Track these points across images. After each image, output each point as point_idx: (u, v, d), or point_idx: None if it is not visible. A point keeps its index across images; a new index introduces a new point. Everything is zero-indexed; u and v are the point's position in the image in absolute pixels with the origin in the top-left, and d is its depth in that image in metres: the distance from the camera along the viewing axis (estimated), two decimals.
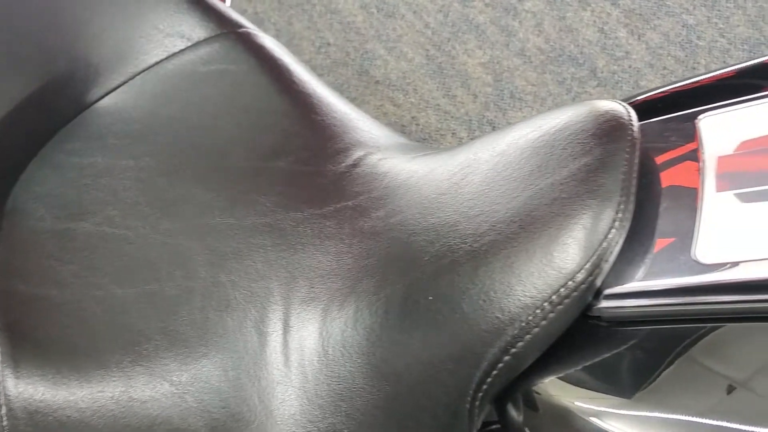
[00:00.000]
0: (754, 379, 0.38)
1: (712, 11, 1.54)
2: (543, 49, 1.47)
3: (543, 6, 1.51)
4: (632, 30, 1.50)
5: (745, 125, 0.46)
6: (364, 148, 0.60)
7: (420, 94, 1.39)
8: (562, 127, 0.48)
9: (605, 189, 0.43)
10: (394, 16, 1.48)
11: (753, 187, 0.42)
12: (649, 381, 0.40)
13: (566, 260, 0.42)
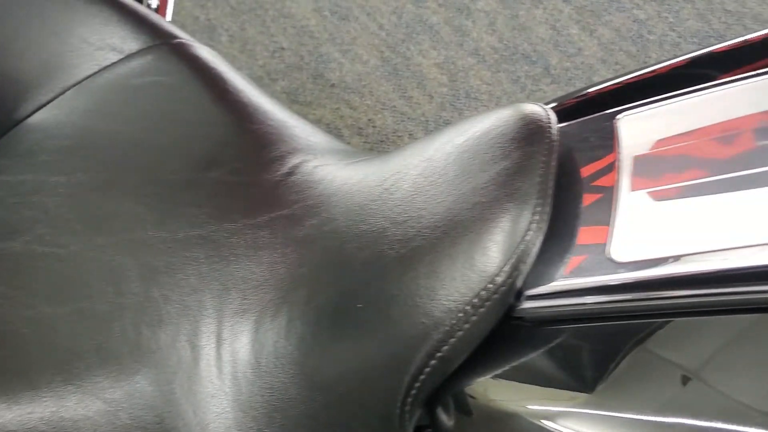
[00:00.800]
0: (705, 369, 0.38)
1: (662, 6, 1.57)
2: (497, 48, 1.48)
3: (495, 5, 1.52)
4: (584, 26, 1.52)
5: (661, 124, 0.46)
6: (300, 155, 0.60)
7: (376, 96, 1.40)
8: (484, 132, 0.48)
9: (522, 192, 0.43)
10: (348, 18, 1.48)
11: (664, 185, 0.43)
12: (605, 376, 0.41)
13: (487, 263, 0.42)
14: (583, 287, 0.42)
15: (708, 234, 0.40)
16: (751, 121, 0.44)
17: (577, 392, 0.42)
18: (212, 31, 1.45)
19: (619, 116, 0.49)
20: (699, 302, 0.40)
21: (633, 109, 0.49)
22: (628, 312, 0.41)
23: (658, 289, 0.40)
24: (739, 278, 0.38)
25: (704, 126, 0.45)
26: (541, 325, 0.43)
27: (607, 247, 0.42)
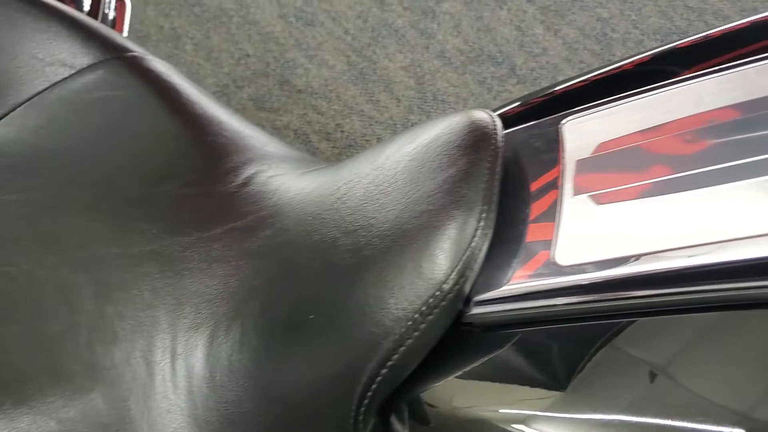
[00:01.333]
0: (673, 366, 0.39)
1: (625, 4, 1.58)
2: (462, 49, 1.48)
3: (460, 7, 1.53)
4: (548, 26, 1.53)
5: (604, 127, 0.47)
6: (255, 165, 0.60)
7: (343, 101, 1.40)
8: (432, 140, 0.48)
9: (468, 199, 0.44)
10: (313, 24, 1.48)
11: (605, 189, 0.43)
12: (576, 373, 0.41)
13: (434, 271, 0.42)
14: (529, 291, 0.42)
15: (647, 236, 0.41)
16: (690, 122, 0.45)
17: (550, 390, 0.43)
18: (177, 39, 1.45)
19: (563, 120, 0.49)
20: (642, 303, 0.40)
21: (578, 113, 0.49)
22: (574, 315, 0.42)
23: (600, 291, 0.41)
24: (677, 278, 0.38)
25: (645, 128, 0.45)
26: (490, 329, 0.44)
27: (552, 251, 0.42)
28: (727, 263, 0.37)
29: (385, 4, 1.51)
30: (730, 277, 0.37)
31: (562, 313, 0.42)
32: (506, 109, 0.56)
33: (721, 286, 0.37)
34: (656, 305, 0.40)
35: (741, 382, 0.36)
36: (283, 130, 1.36)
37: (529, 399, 0.43)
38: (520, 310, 0.42)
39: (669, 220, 0.41)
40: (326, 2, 1.50)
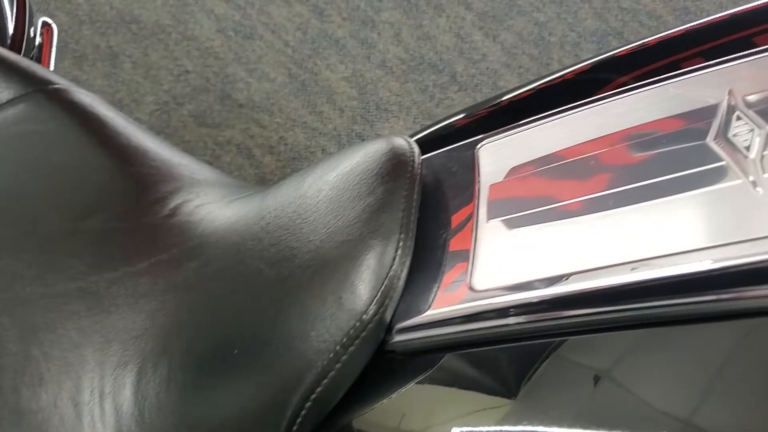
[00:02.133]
0: (619, 373, 0.40)
1: (561, 7, 1.61)
2: (403, 58, 1.49)
3: (399, 16, 1.54)
4: (487, 32, 1.55)
5: (516, 151, 0.48)
6: (182, 195, 0.60)
7: (286, 114, 1.40)
8: (352, 168, 0.49)
9: (386, 227, 0.44)
10: (253, 37, 1.47)
11: (518, 212, 0.44)
12: (526, 380, 0.42)
13: (355, 302, 0.43)
14: (447, 317, 0.43)
15: (558, 259, 0.42)
16: (600, 144, 0.46)
17: (502, 398, 0.43)
18: (114, 58, 1.42)
19: (479, 144, 0.50)
20: (558, 324, 0.41)
21: (492, 137, 0.50)
22: (493, 337, 0.43)
23: (514, 315, 0.42)
24: (582, 300, 0.40)
25: (553, 151, 0.46)
26: (413, 356, 0.45)
27: (468, 276, 0.43)
28: (629, 284, 0.38)
29: (324, 15, 1.51)
30: (634, 299, 0.38)
31: (481, 336, 0.43)
32: (428, 131, 0.57)
33: (626, 307, 0.38)
34: (573, 326, 0.41)
35: (680, 387, 0.37)
36: (225, 145, 1.36)
37: (480, 410, 0.44)
38: (440, 335, 0.43)
39: (578, 242, 0.42)
40: (265, 15, 1.50)
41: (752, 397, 0.36)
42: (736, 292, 0.37)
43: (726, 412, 0.36)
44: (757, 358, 0.36)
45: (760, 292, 0.36)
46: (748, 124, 0.40)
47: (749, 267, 0.35)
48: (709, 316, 0.37)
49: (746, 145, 0.40)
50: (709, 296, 0.37)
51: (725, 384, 0.36)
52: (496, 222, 0.45)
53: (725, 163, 0.40)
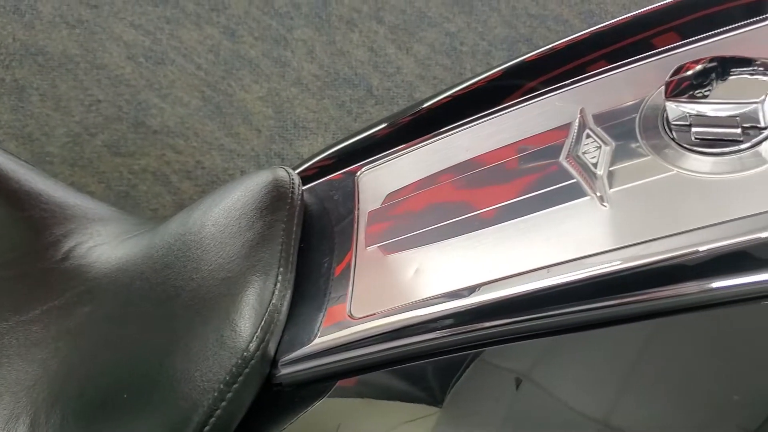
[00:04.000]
0: (539, 376, 0.41)
1: (471, 17, 1.65)
2: (318, 75, 1.50)
3: (312, 33, 1.55)
4: (400, 45, 1.57)
5: (393, 177, 0.50)
6: (76, 237, 0.59)
7: (202, 137, 1.39)
8: (233, 203, 0.50)
9: (265, 262, 0.45)
10: (164, 62, 1.46)
11: (393, 238, 0.46)
12: (450, 388, 0.42)
13: (236, 339, 0.44)
14: (330, 347, 0.44)
15: (433, 281, 0.43)
16: (468, 166, 0.48)
17: (429, 406, 0.44)
18: (21, 92, 1.39)
19: (359, 171, 0.51)
20: (429, 346, 0.43)
21: (372, 163, 0.52)
22: (378, 361, 0.44)
23: (393, 339, 0.43)
24: (451, 317, 0.41)
25: (426, 176, 0.48)
26: (301, 387, 0.45)
27: (348, 304, 0.44)
28: (486, 302, 0.40)
29: (236, 36, 1.51)
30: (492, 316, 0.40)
31: (366, 361, 0.44)
32: (320, 158, 0.58)
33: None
34: (451, 344, 0.43)
35: (596, 388, 0.39)
36: (141, 174, 1.34)
37: (408, 421, 0.45)
38: (325, 365, 0.44)
39: (449, 262, 0.43)
40: (175, 39, 1.48)
41: (664, 395, 0.37)
42: (600, 301, 0.39)
43: (640, 410, 0.38)
44: (665, 357, 0.38)
45: (619, 300, 0.38)
46: (596, 141, 0.43)
47: (585, 282, 0.37)
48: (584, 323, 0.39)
49: (594, 162, 0.42)
50: (573, 308, 0.40)
51: (639, 383, 0.38)
52: (374, 248, 0.46)
53: (576, 180, 0.42)
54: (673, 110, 0.40)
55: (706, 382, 0.37)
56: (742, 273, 0.37)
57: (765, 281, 0.37)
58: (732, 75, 0.40)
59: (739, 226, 0.37)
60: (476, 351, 0.42)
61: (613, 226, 0.39)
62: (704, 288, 0.37)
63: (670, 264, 0.37)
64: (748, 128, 0.39)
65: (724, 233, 0.37)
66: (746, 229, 0.36)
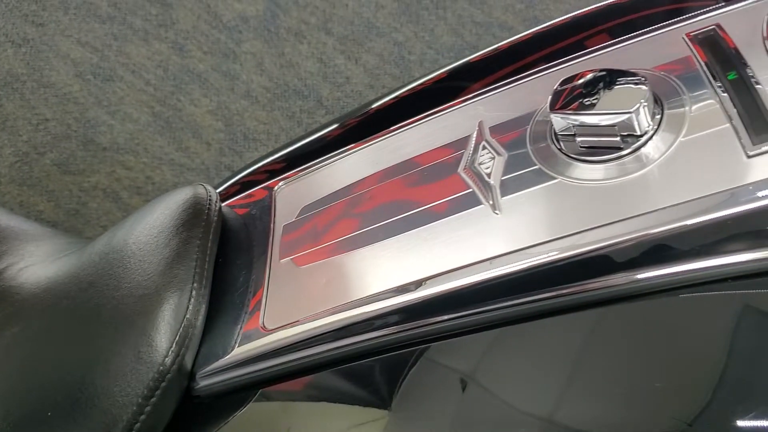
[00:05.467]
0: (482, 376, 0.42)
1: (418, 26, 1.68)
2: (268, 87, 1.52)
3: (261, 45, 1.56)
4: (349, 55, 1.59)
5: (308, 190, 0.51)
6: (8, 259, 0.60)
7: (151, 153, 1.39)
8: (153, 221, 0.51)
9: (179, 279, 0.46)
10: (113, 79, 1.46)
11: (305, 249, 0.47)
12: (397, 390, 0.44)
13: (152, 354, 0.45)
14: (245, 358, 0.45)
15: (343, 291, 0.45)
16: (377, 178, 0.50)
17: (377, 410, 0.45)
18: None
19: (277, 186, 0.53)
20: (349, 350, 0.45)
21: (289, 178, 0.53)
22: (295, 369, 0.46)
23: (306, 348, 0.45)
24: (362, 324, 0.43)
25: (339, 188, 0.50)
26: (220, 398, 0.47)
27: (261, 316, 0.46)
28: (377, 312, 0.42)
29: (184, 51, 1.52)
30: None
31: (282, 370, 0.46)
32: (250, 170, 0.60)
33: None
34: (358, 351, 0.44)
35: (540, 385, 0.40)
36: (91, 191, 1.34)
37: (358, 424, 0.46)
38: (240, 376, 0.46)
39: (359, 271, 0.45)
40: (123, 56, 1.49)
41: (605, 387, 0.39)
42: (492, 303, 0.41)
43: (583, 404, 0.39)
44: (603, 349, 0.40)
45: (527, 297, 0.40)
46: (491, 152, 0.45)
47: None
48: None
49: (488, 172, 0.44)
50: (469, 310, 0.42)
51: (580, 377, 0.40)
52: (287, 261, 0.47)
53: (472, 190, 0.44)
54: (558, 122, 0.42)
55: (639, 372, 0.39)
56: (630, 269, 0.39)
57: (646, 278, 0.39)
58: (612, 86, 0.42)
59: (619, 228, 0.39)
60: (392, 354, 0.44)
61: (502, 232, 0.42)
62: (608, 283, 0.39)
63: (549, 267, 0.39)
64: (627, 136, 0.41)
65: (606, 234, 0.39)
66: (629, 229, 0.39)
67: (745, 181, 0.38)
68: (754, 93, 0.40)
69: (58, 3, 1.52)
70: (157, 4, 1.56)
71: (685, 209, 0.38)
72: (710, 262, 0.39)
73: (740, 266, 0.38)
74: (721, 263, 0.38)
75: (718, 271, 0.38)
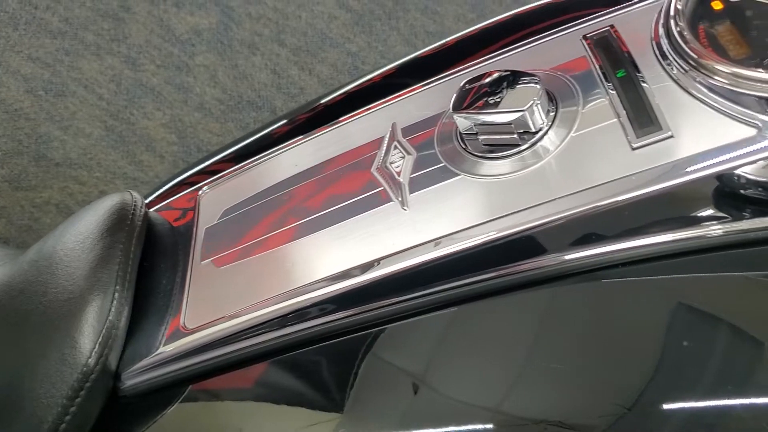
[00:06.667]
0: (429, 371, 0.43)
1: (371, 36, 1.70)
2: (221, 99, 1.53)
3: (214, 58, 1.58)
4: (302, 66, 1.61)
5: (230, 194, 0.53)
6: None
7: (105, 167, 1.39)
8: (81, 228, 0.52)
9: (102, 282, 0.48)
10: (65, 94, 1.46)
11: (224, 251, 0.49)
12: (348, 393, 0.44)
13: (76, 355, 0.46)
14: (167, 357, 0.47)
15: (261, 289, 0.47)
16: (296, 179, 0.51)
17: (329, 412, 0.46)
18: None
19: (201, 191, 0.54)
20: (270, 345, 0.46)
21: (213, 182, 0.55)
22: (217, 368, 0.47)
23: (226, 345, 0.46)
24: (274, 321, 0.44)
25: (260, 190, 0.52)
26: (147, 397, 0.48)
27: (182, 317, 0.47)
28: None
29: (137, 65, 1.52)
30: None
31: (204, 367, 0.47)
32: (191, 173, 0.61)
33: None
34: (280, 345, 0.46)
35: (489, 376, 0.41)
36: (44, 206, 1.34)
37: (310, 425, 0.47)
38: (166, 374, 0.47)
39: (273, 269, 0.47)
40: (76, 71, 1.49)
41: (554, 372, 0.40)
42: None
43: (517, 388, 0.41)
44: (549, 335, 0.41)
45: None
46: (401, 152, 0.47)
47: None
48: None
49: (398, 170, 0.46)
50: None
51: (526, 365, 0.41)
52: (207, 262, 0.49)
53: (383, 188, 0.46)
54: (462, 122, 0.45)
55: (575, 356, 0.40)
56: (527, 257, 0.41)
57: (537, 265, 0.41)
58: (511, 87, 0.44)
59: (518, 218, 0.41)
60: (313, 347, 0.46)
61: (410, 226, 0.44)
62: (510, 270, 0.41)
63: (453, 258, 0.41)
64: (523, 133, 0.43)
65: (500, 225, 0.41)
66: (521, 220, 0.41)
67: (629, 172, 0.40)
68: (640, 90, 0.43)
69: (7, 19, 1.52)
70: (109, 19, 1.57)
71: (572, 200, 0.40)
72: (602, 249, 0.41)
73: (629, 252, 0.41)
74: (612, 249, 0.41)
75: (609, 257, 0.41)
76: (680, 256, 0.41)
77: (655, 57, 0.44)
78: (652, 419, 0.38)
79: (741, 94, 0.40)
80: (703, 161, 0.39)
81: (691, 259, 0.41)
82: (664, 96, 0.42)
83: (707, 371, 0.38)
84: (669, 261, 0.41)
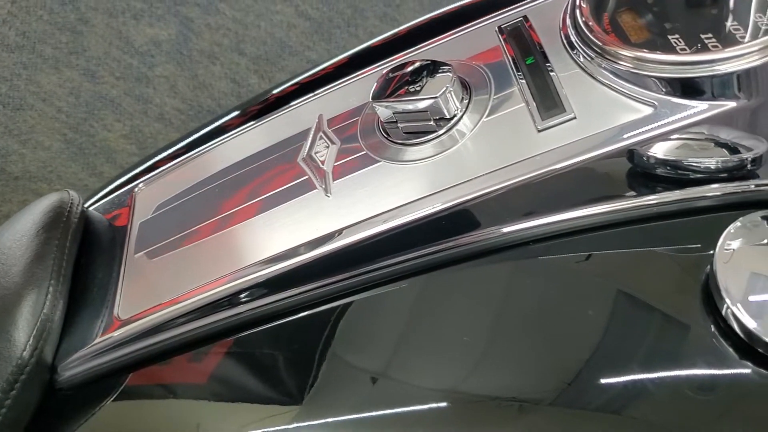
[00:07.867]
0: (389, 366, 0.43)
1: (330, 44, 1.72)
2: (181, 109, 1.54)
3: (173, 68, 1.58)
4: (262, 75, 1.63)
5: (164, 189, 0.54)
6: None
7: (65, 180, 1.39)
8: (19, 227, 0.53)
9: (37, 277, 0.49)
10: (23, 107, 1.46)
11: (156, 244, 0.50)
12: (307, 385, 0.45)
13: (11, 349, 0.47)
14: (100, 349, 0.48)
15: (192, 278, 0.48)
16: (226, 173, 0.53)
17: (289, 406, 0.47)
18: None
19: (137, 188, 0.56)
20: (206, 330, 0.47)
21: (148, 179, 0.56)
22: (153, 356, 0.48)
23: (158, 333, 0.47)
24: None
25: (193, 184, 0.53)
26: (84, 389, 0.49)
27: (116, 308, 0.48)
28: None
29: (96, 77, 1.53)
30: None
31: (138, 356, 0.48)
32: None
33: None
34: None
35: (445, 361, 0.42)
36: (3, 220, 1.33)
37: (270, 416, 0.47)
38: (101, 365, 0.48)
39: (207, 259, 0.48)
40: (34, 84, 1.49)
41: (510, 351, 0.41)
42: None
43: (489, 371, 0.41)
44: (504, 313, 0.42)
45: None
46: (326, 142, 0.49)
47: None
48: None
49: (323, 159, 0.48)
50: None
51: (484, 344, 0.42)
52: (141, 255, 0.50)
53: (308, 177, 0.48)
54: (382, 111, 0.46)
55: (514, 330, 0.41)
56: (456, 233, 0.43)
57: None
58: (428, 76, 0.46)
59: (434, 199, 0.43)
60: (249, 331, 0.47)
61: (333, 212, 0.45)
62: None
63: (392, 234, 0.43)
64: (439, 120, 0.45)
65: (419, 207, 0.43)
66: (442, 200, 0.43)
67: (535, 152, 0.42)
68: (547, 77, 0.45)
69: None
70: (67, 32, 1.57)
71: (483, 180, 0.42)
72: (515, 227, 0.43)
73: (541, 228, 0.43)
74: (525, 227, 0.43)
75: (521, 234, 0.43)
76: (591, 231, 0.43)
77: (563, 46, 0.46)
78: (589, 391, 0.39)
79: (641, 75, 0.42)
80: (602, 139, 0.41)
81: (601, 234, 0.43)
82: (570, 82, 0.44)
83: (626, 343, 0.40)
84: (581, 236, 0.43)
